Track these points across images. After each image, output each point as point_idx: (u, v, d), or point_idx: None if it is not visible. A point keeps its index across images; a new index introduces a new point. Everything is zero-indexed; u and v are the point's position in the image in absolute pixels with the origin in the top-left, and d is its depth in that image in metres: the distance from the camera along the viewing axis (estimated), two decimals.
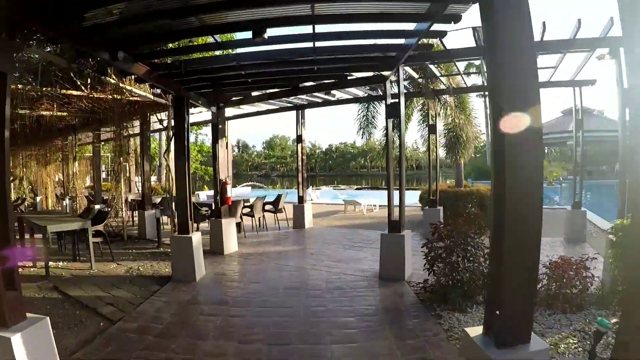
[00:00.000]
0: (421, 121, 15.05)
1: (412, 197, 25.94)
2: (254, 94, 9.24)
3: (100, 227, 8.86)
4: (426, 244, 6.09)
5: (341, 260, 8.31)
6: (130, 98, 8.93)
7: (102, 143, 19.43)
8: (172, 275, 7.38)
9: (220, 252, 9.16)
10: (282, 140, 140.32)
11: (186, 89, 7.54)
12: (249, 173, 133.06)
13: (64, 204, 14.84)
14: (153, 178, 35.52)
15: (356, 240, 10.34)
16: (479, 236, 5.86)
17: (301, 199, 12.49)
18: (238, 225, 11.50)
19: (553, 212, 14.30)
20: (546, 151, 50.43)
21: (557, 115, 42.42)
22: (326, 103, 11.82)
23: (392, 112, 7.14)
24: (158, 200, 13.20)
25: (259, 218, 12.35)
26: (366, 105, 13.49)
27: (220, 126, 9.32)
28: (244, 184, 38.38)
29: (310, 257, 8.71)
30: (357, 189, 58.51)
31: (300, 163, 12.44)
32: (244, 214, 11.95)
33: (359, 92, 11.45)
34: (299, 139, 12.33)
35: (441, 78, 10.87)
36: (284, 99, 11.54)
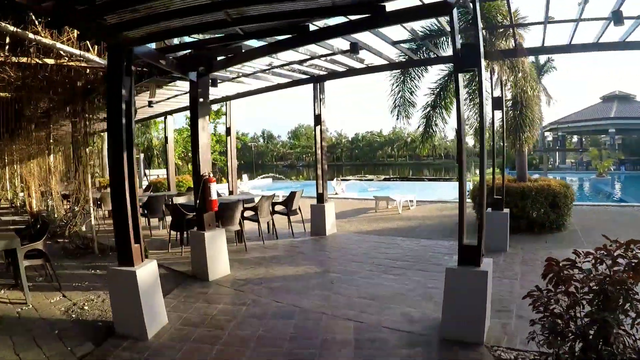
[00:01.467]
0: (468, 98, 11.98)
1: (449, 191, 22.78)
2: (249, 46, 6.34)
3: (39, 245, 6.25)
4: (536, 301, 3.14)
5: (376, 297, 5.44)
6: (71, 64, 6.21)
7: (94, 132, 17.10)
8: (114, 325, 4.74)
9: (204, 277, 6.48)
10: (308, 129, 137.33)
11: (132, 40, 4.77)
12: (274, 163, 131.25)
13: (49, 203, 12.52)
14: (161, 171, 33.30)
15: (395, 257, 7.42)
16: None
17: (321, 198, 9.65)
18: (238, 233, 8.79)
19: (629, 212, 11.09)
20: (578, 140, 46.19)
21: (596, 101, 38.21)
22: (351, 72, 8.89)
23: (468, 61, 4.14)
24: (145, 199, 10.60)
25: (268, 222, 9.60)
26: (402, 78, 10.52)
27: (201, 99, 6.52)
28: (262, 175, 35.74)
29: (330, 290, 5.86)
30: (385, 179, 55.32)
31: (319, 151, 9.58)
32: (246, 218, 9.20)
33: (393, 55, 8.49)
34: (318, 119, 9.45)
35: (509, 30, 7.79)
36: (297, 68, 8.71)
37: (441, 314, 4.41)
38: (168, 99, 11.82)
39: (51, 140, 11.67)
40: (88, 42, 5.91)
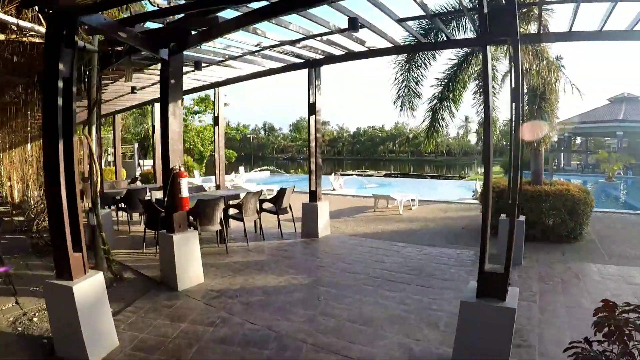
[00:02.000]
0: (477, 91, 11.05)
1: (452, 189, 21.84)
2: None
3: None
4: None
5: (369, 321, 4.52)
6: (25, 39, 5.26)
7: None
8: (54, 346, 3.92)
9: (173, 286, 5.60)
10: None
11: (76, 7, 3.85)
12: (275, 156, 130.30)
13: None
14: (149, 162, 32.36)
15: (394, 268, 6.49)
16: None
17: (314, 196, 8.74)
18: (220, 233, 7.89)
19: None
20: (583, 141, 45.10)
21: (604, 102, 37.21)
22: (350, 56, 7.94)
23: (499, 29, 3.15)
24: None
25: (255, 221, 8.72)
26: (407, 65, 9.56)
27: (173, 81, 5.58)
28: (258, 168, 34.75)
29: (316, 309, 4.95)
30: (386, 175, 54.36)
31: (313, 144, 8.65)
32: (231, 217, 8.32)
33: (398, 38, 7.55)
34: (312, 108, 8.51)
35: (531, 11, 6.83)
36: (289, 50, 7.77)
37: (450, 349, 3.52)
38: (154, 84, 10.88)
39: (28, 128, 10.78)
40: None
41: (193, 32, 5.47)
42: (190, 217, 6.66)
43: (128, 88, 11.46)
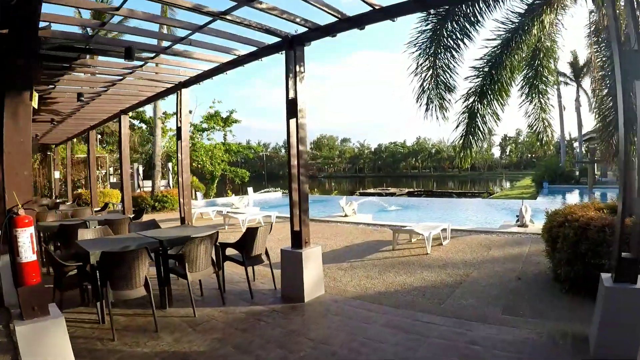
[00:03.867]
0: (527, 84, 8.20)
1: (483, 209, 18.58)
2: None
3: None
4: None
5: None
6: None
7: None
8: None
9: None
10: (330, 139, 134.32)
11: None
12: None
13: None
14: (163, 182, 29.99)
15: None
16: None
17: (298, 239, 5.83)
18: (162, 295, 5.04)
19: None
20: None
21: None
22: (345, 23, 5.08)
23: None
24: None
25: (217, 274, 5.87)
26: (431, 47, 6.67)
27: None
28: (265, 189, 31.91)
29: None
30: (408, 193, 50.94)
31: (295, 161, 5.77)
32: (173, 272, 5.52)
33: None
34: (292, 106, 5.66)
35: None
36: (255, 23, 4.99)
37: None
38: (107, 87, 8.38)
39: None
40: None
41: None
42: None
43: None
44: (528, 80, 8.04)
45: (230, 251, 6.21)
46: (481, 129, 7.22)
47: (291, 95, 5.63)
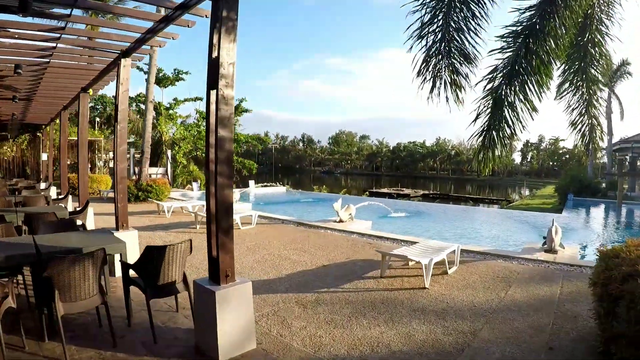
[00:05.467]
0: (569, 68, 6.05)
1: (502, 223, 16.01)
2: None
3: None
4: None
5: None
6: None
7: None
8: None
9: None
10: (349, 135, 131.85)
11: None
12: (312, 168, 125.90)
13: None
14: (161, 169, 28.27)
15: None
16: None
17: (215, 269, 3.82)
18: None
19: None
20: None
21: None
22: None
23: None
24: None
25: (106, 305, 3.94)
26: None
27: None
28: (261, 184, 29.73)
29: None
30: (423, 195, 48.34)
31: (212, 153, 3.74)
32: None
33: None
34: (213, 68, 3.63)
35: None
36: None
37: None
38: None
39: None
40: None
41: None
42: None
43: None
44: (573, 62, 5.87)
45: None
46: (509, 121, 5.11)
47: (214, 53, 3.60)
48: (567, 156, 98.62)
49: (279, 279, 6.51)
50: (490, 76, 5.23)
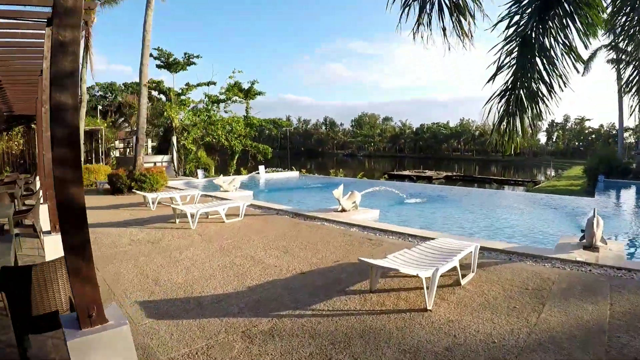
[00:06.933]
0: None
1: (533, 210, 13.59)
2: None
3: None
4: None
5: None
6: None
7: None
8: None
9: None
10: (372, 118, 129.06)
11: None
12: (335, 152, 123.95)
13: None
14: (166, 157, 27.09)
15: None
16: None
17: (75, 306, 2.30)
18: None
19: None
20: None
21: None
22: None
23: None
24: None
25: None
26: None
27: None
28: (271, 169, 28.06)
29: None
30: (446, 177, 46.17)
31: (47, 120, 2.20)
32: None
33: None
34: None
35: None
36: None
37: None
38: None
39: None
40: None
41: None
42: None
43: None
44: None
45: None
46: (544, 74, 3.43)
47: None
48: (593, 136, 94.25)
49: (237, 294, 5.01)
50: (514, 8, 3.53)
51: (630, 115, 4.47)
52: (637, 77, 4.64)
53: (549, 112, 3.87)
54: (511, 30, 3.94)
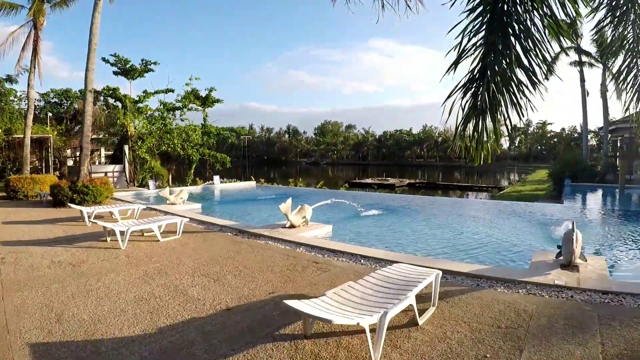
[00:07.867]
0: None
1: (501, 221, 12.43)
2: None
3: None
4: None
5: None
6: None
7: None
8: None
9: None
10: (335, 125, 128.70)
11: None
12: (298, 160, 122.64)
13: None
14: (117, 167, 25.23)
15: None
16: None
17: None
18: None
19: None
20: None
21: None
22: None
23: None
24: None
25: None
26: None
27: None
28: (227, 179, 26.57)
29: None
30: (409, 184, 45.77)
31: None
32: None
33: None
34: None
35: None
36: None
37: None
38: None
39: None
40: None
41: None
42: None
43: None
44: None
45: None
46: (521, 55, 2.45)
47: None
48: (555, 140, 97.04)
49: (143, 338, 3.83)
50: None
51: (626, 109, 3.60)
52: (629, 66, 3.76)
53: (532, 107, 2.90)
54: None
